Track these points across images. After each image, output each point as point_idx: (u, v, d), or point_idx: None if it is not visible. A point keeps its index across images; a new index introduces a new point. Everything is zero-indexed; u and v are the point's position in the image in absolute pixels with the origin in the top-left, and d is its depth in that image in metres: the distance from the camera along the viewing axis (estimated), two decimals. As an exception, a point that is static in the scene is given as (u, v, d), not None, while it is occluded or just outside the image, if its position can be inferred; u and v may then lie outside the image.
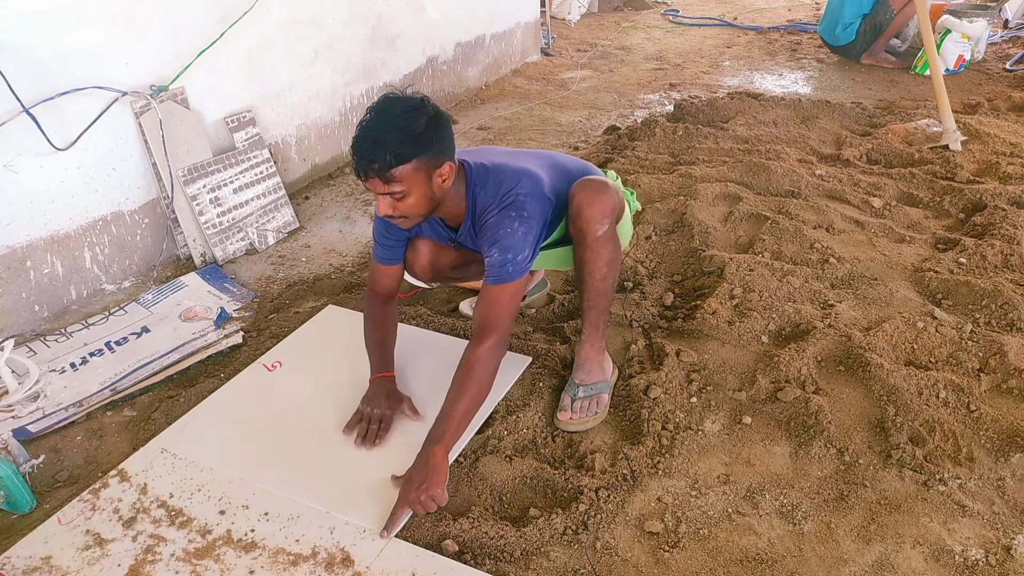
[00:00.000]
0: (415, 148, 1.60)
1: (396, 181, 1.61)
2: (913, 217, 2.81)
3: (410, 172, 1.61)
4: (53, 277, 2.37)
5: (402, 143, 1.58)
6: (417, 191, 1.65)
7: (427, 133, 1.61)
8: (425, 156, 1.62)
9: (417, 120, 1.61)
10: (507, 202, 1.73)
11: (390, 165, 1.58)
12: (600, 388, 1.91)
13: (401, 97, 1.66)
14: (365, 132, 1.61)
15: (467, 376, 1.68)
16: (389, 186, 1.62)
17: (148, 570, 1.52)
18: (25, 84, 2.13)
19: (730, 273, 2.35)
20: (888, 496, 1.65)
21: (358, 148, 1.61)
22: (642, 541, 1.57)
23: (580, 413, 1.88)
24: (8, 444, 1.82)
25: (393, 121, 1.60)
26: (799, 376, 1.96)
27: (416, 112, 1.62)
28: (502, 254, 1.70)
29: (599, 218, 1.78)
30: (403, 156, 1.59)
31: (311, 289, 2.55)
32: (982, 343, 2.05)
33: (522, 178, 1.78)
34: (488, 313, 1.72)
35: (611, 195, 1.82)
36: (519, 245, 1.71)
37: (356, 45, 3.43)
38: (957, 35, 4.47)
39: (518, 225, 1.71)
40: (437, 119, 1.65)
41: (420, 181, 1.64)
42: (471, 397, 1.68)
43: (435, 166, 1.65)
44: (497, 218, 1.73)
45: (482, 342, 1.69)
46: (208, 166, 2.70)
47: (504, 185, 1.76)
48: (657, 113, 4.09)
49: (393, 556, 1.53)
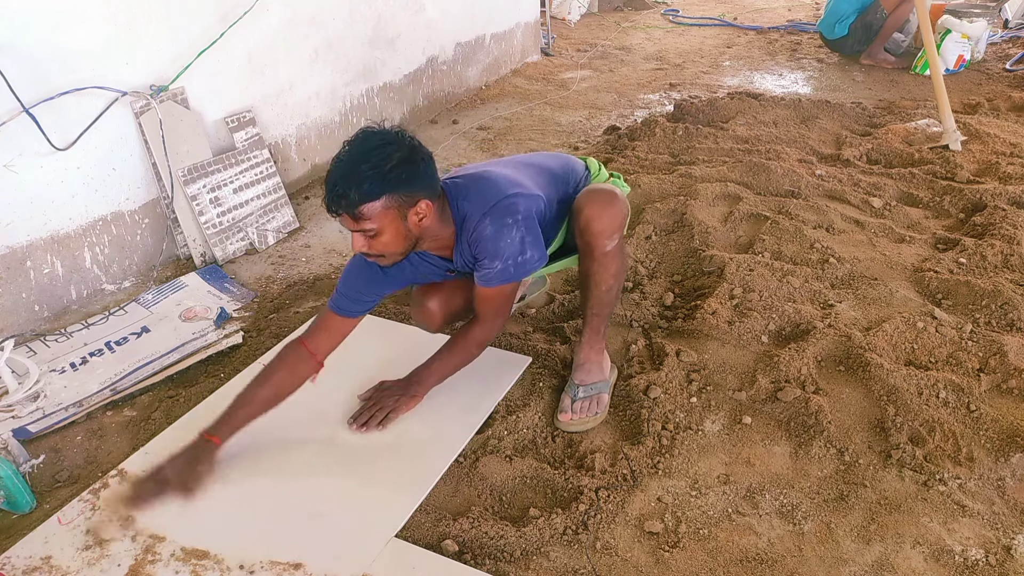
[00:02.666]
0: (384, 185, 1.54)
1: (365, 219, 1.55)
2: (913, 217, 2.81)
3: (379, 210, 1.55)
4: (53, 277, 2.37)
5: (370, 180, 1.52)
6: (390, 229, 1.59)
7: (398, 169, 1.54)
8: (396, 193, 1.55)
9: (390, 156, 1.54)
10: (499, 208, 1.69)
11: (356, 203, 1.53)
12: (600, 388, 1.91)
13: (378, 131, 1.60)
14: (336, 167, 1.56)
15: (458, 349, 1.86)
16: (359, 224, 1.56)
17: (148, 570, 1.51)
18: (25, 84, 2.13)
19: (730, 273, 2.35)
20: (888, 496, 1.65)
21: (329, 182, 1.55)
22: (642, 541, 1.57)
23: (580, 413, 1.87)
24: (8, 444, 1.82)
25: (365, 156, 1.54)
26: (799, 376, 1.96)
27: (390, 147, 1.56)
28: (503, 262, 1.70)
29: (608, 233, 1.77)
30: (371, 193, 1.53)
31: (311, 289, 2.55)
32: (982, 343, 2.05)
33: (506, 181, 1.76)
34: (488, 308, 1.81)
35: (619, 207, 1.81)
36: (520, 250, 1.70)
37: (356, 45, 3.44)
38: (957, 35, 4.47)
39: (515, 232, 1.69)
40: (412, 155, 1.58)
41: (392, 219, 1.58)
42: (454, 365, 1.87)
43: (409, 204, 1.59)
44: (494, 228, 1.68)
45: (478, 325, 1.83)
46: (208, 166, 2.70)
47: (489, 192, 1.72)
48: (657, 113, 4.09)
49: (393, 556, 1.53)
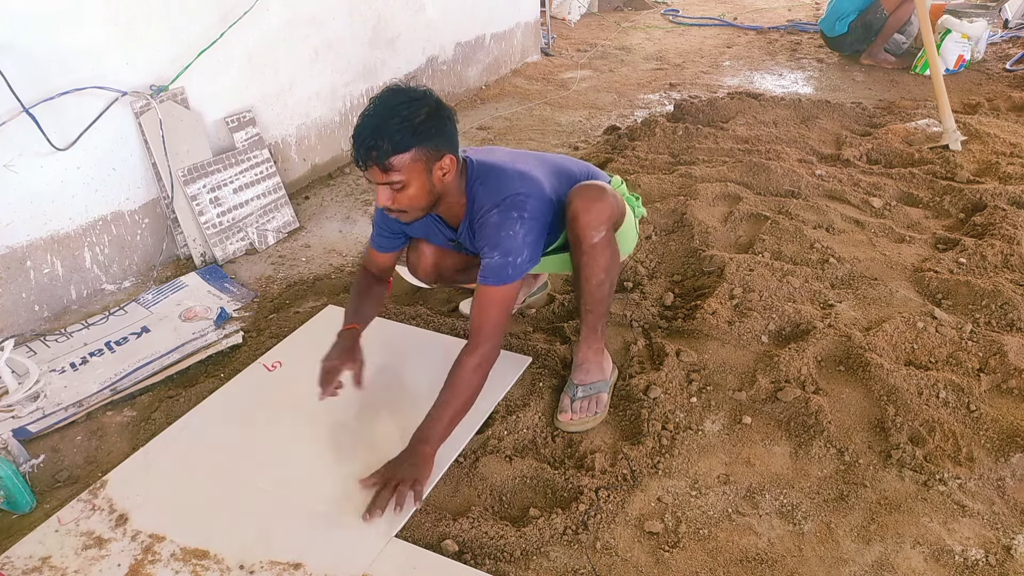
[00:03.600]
0: (414, 138, 1.59)
1: (394, 170, 1.60)
2: (913, 217, 2.81)
3: (408, 162, 1.60)
4: (53, 277, 2.37)
5: (401, 132, 1.58)
6: (416, 182, 1.63)
7: (427, 123, 1.60)
8: (425, 146, 1.61)
9: (418, 111, 1.60)
10: (509, 202, 1.71)
11: (388, 153, 1.57)
12: (599, 388, 1.91)
13: (404, 88, 1.65)
14: (366, 121, 1.61)
15: (457, 383, 1.69)
16: (387, 175, 1.61)
17: (148, 570, 1.51)
18: (25, 84, 2.13)
19: (730, 273, 2.35)
20: (888, 496, 1.65)
21: (358, 136, 1.61)
22: (642, 541, 1.57)
23: (580, 413, 1.87)
24: (8, 444, 1.82)
25: (394, 110, 1.60)
26: (799, 376, 1.96)
27: (417, 103, 1.61)
28: (502, 257, 1.69)
29: (595, 224, 1.77)
30: (402, 145, 1.58)
31: (311, 289, 2.55)
32: (982, 343, 2.05)
33: (524, 179, 1.77)
34: (483, 315, 1.72)
35: (608, 201, 1.81)
36: (519, 248, 1.70)
37: (356, 45, 3.43)
38: (957, 35, 4.47)
39: (519, 227, 1.70)
40: (439, 111, 1.64)
41: (419, 172, 1.63)
42: (460, 403, 1.69)
43: (435, 158, 1.64)
44: (499, 219, 1.70)
45: (475, 351, 1.70)
46: (208, 166, 2.70)
47: (505, 185, 1.75)
48: (657, 113, 4.09)
49: (393, 556, 1.52)
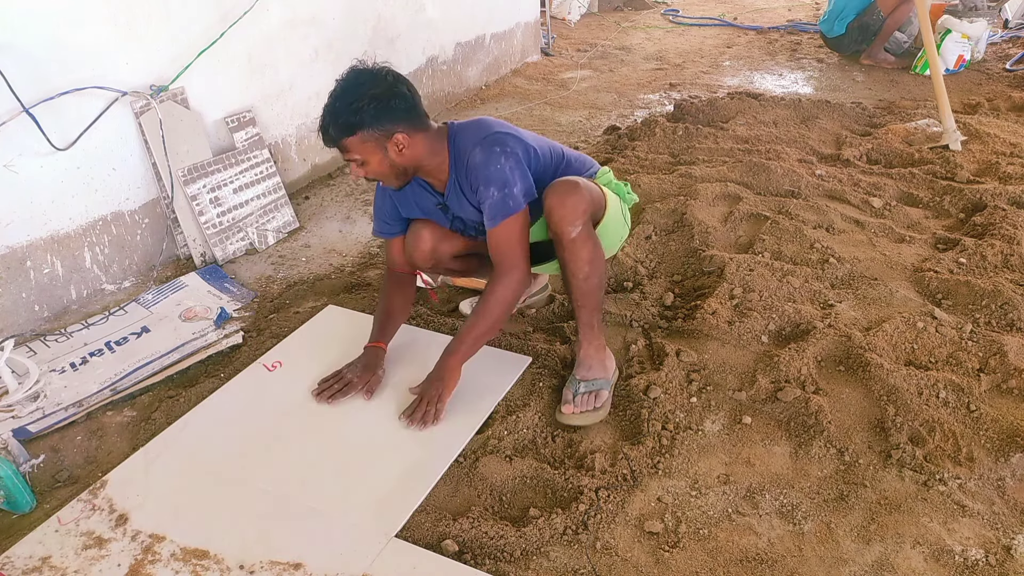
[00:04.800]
0: (357, 122, 1.69)
1: (348, 151, 1.74)
2: (913, 217, 2.81)
3: (357, 143, 1.72)
4: (53, 277, 2.37)
5: (347, 116, 1.69)
6: (373, 159, 1.75)
7: (370, 107, 1.69)
8: (370, 129, 1.70)
9: (363, 95, 1.69)
10: (489, 140, 1.78)
11: (335, 138, 1.72)
12: (600, 384, 1.92)
13: (362, 70, 1.75)
14: (326, 104, 1.73)
15: (485, 308, 1.82)
16: (346, 155, 1.75)
17: (148, 570, 1.52)
18: (25, 84, 2.13)
19: (730, 273, 2.35)
20: (888, 496, 1.65)
21: (320, 118, 1.75)
22: (642, 541, 1.57)
23: (581, 406, 1.89)
24: (8, 444, 1.82)
25: (342, 96, 1.71)
26: (799, 376, 1.96)
27: (364, 87, 1.71)
28: (499, 190, 1.75)
29: (570, 219, 1.79)
30: (345, 129, 1.70)
31: (311, 289, 2.55)
32: (982, 343, 2.05)
33: (503, 126, 1.85)
34: (502, 252, 1.80)
35: (582, 195, 1.81)
36: (511, 178, 1.76)
37: (356, 45, 3.43)
38: (957, 35, 4.47)
39: (504, 160, 1.76)
40: (389, 91, 1.72)
41: (372, 151, 1.73)
42: (487, 325, 1.84)
43: (385, 137, 1.73)
44: (482, 156, 1.77)
45: (501, 279, 1.80)
46: (208, 166, 2.70)
47: (484, 128, 1.83)
48: (657, 113, 4.09)
49: (393, 556, 1.53)
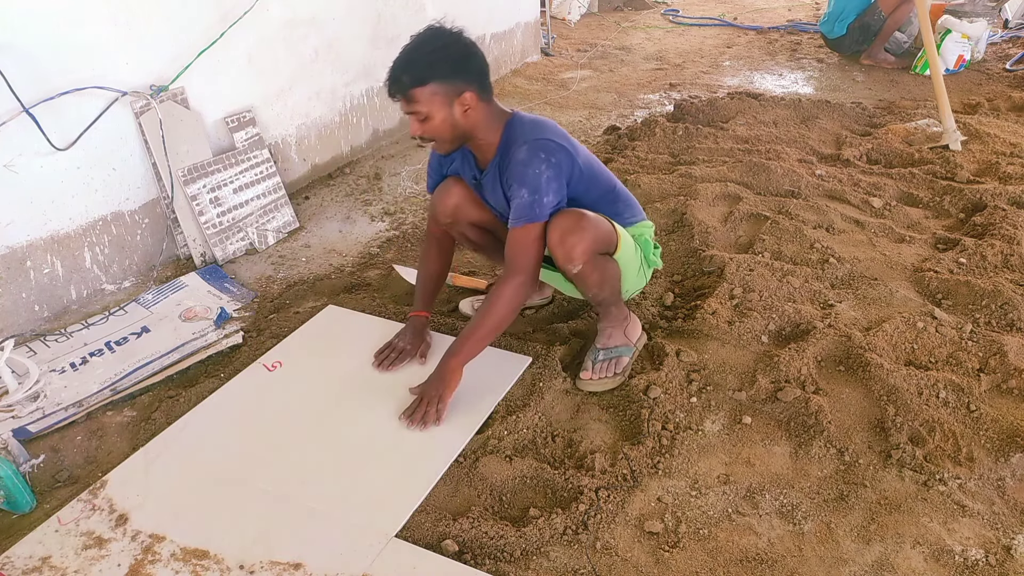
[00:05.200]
0: (432, 72, 1.71)
1: (416, 102, 1.73)
2: (913, 217, 2.81)
3: (428, 95, 1.72)
4: (53, 277, 2.37)
5: (423, 66, 1.71)
6: (438, 114, 1.75)
7: (448, 60, 1.72)
8: (444, 81, 1.72)
9: (441, 48, 1.73)
10: (539, 144, 1.79)
11: (407, 86, 1.71)
12: (621, 352, 1.98)
13: (439, 28, 1.77)
14: (398, 55, 1.74)
15: (489, 309, 1.82)
16: (411, 106, 1.74)
17: (148, 570, 1.52)
18: (25, 84, 2.13)
19: (730, 273, 2.36)
20: (888, 496, 1.65)
21: (390, 69, 1.74)
22: (642, 541, 1.57)
23: (599, 374, 1.95)
24: (8, 444, 1.82)
25: (419, 47, 1.73)
26: (799, 376, 1.96)
27: (445, 41, 1.74)
28: (530, 195, 1.76)
29: (567, 258, 1.81)
30: (420, 78, 1.71)
31: (311, 289, 2.55)
32: (982, 343, 2.05)
33: (560, 135, 1.85)
34: (516, 254, 1.81)
35: (582, 234, 1.79)
36: (545, 187, 1.76)
37: (356, 45, 3.43)
38: (957, 35, 4.47)
39: (545, 168, 1.77)
40: (466, 50, 1.76)
41: (439, 105, 1.74)
42: (490, 327, 1.84)
43: (455, 93, 1.74)
44: (525, 155, 1.77)
45: (508, 281, 1.81)
46: (208, 166, 2.70)
47: (540, 130, 1.83)
48: (657, 113, 4.09)
49: (393, 556, 1.53)
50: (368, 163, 3.54)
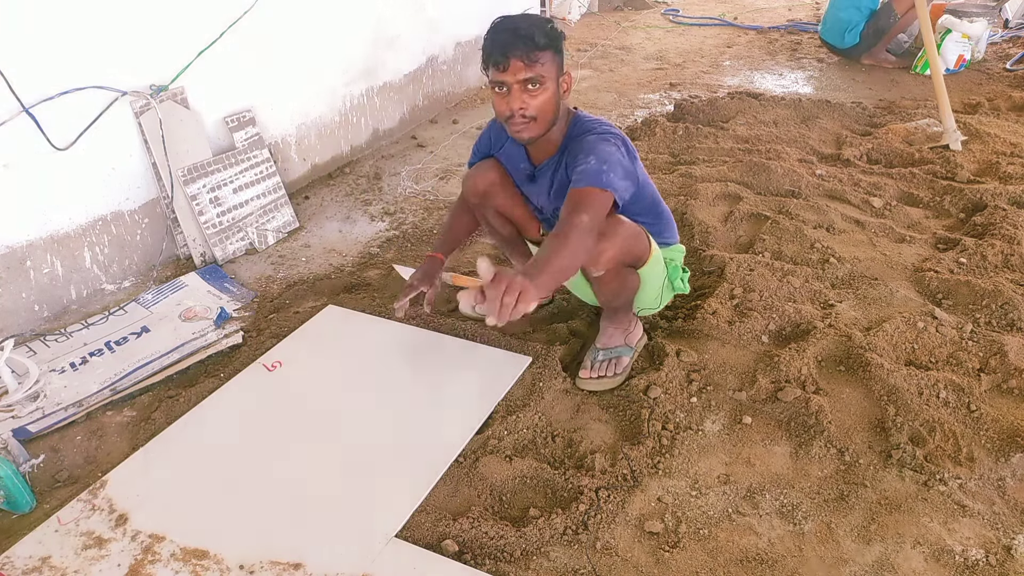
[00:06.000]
0: (554, 42, 1.70)
1: (539, 64, 1.66)
2: (913, 217, 2.81)
3: (550, 60, 1.69)
4: (53, 277, 2.37)
5: (546, 32, 1.68)
6: (551, 85, 1.71)
7: (560, 37, 1.73)
8: (559, 55, 1.72)
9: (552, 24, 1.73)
10: (608, 135, 1.77)
11: (536, 46, 1.65)
12: (620, 352, 1.98)
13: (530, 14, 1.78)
14: (506, 23, 1.69)
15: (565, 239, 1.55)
16: (530, 68, 1.66)
17: (148, 570, 1.51)
18: (25, 84, 2.13)
19: (730, 273, 2.35)
20: (888, 496, 1.65)
21: (502, 32, 1.67)
22: (642, 541, 1.57)
23: (598, 373, 1.95)
24: (8, 444, 1.82)
25: (535, 18, 1.72)
26: (799, 376, 1.96)
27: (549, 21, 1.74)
28: (598, 163, 1.67)
29: (593, 261, 1.77)
30: (546, 42, 1.67)
31: (311, 289, 2.55)
32: (982, 343, 2.04)
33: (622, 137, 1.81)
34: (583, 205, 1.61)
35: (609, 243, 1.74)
36: (616, 161, 1.70)
37: (356, 45, 3.43)
38: (957, 35, 4.46)
39: (616, 148, 1.73)
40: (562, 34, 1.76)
41: (553, 76, 1.71)
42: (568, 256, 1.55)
43: (562, 70, 1.74)
44: (596, 138, 1.75)
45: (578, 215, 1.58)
46: (208, 166, 2.69)
47: (606, 127, 1.81)
48: (657, 113, 4.09)
49: (393, 556, 1.52)
50: (368, 163, 3.54)
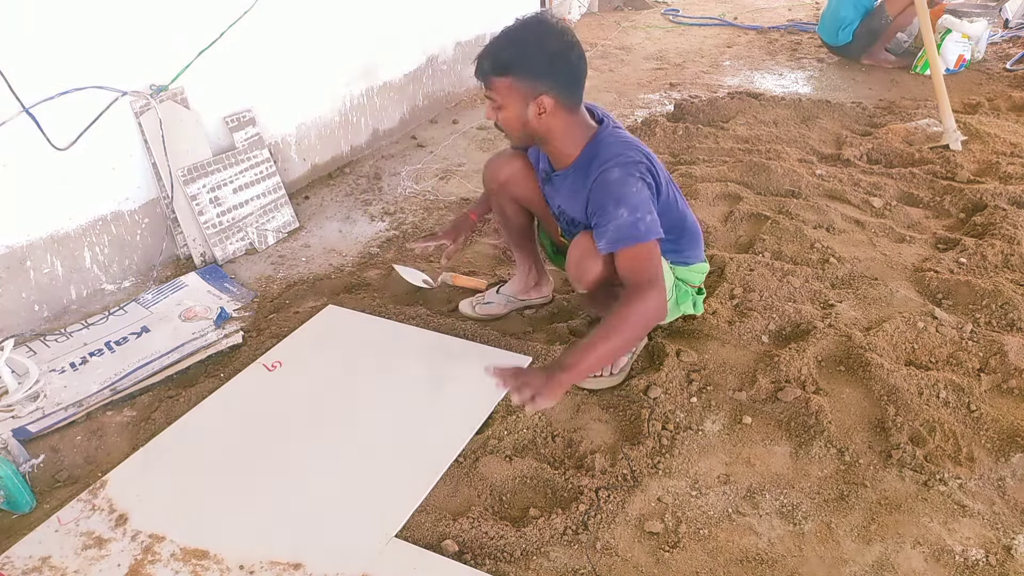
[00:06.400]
0: (515, 66, 1.66)
1: (492, 89, 1.70)
2: (913, 217, 2.81)
3: (504, 86, 1.68)
4: (53, 277, 2.37)
5: (507, 57, 1.65)
6: (511, 108, 1.70)
7: (537, 59, 1.66)
8: (524, 78, 1.66)
9: (537, 42, 1.66)
10: (631, 165, 1.70)
11: (486, 72, 1.69)
12: None
13: (545, 22, 1.71)
14: (494, 36, 1.71)
15: (625, 319, 1.60)
16: (488, 91, 1.72)
17: (148, 570, 1.51)
18: (25, 84, 2.13)
19: (730, 273, 2.36)
20: (888, 496, 1.65)
21: (487, 43, 1.72)
22: (642, 541, 1.57)
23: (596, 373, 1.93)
24: (8, 444, 1.82)
25: (514, 34, 1.68)
26: (799, 376, 1.96)
27: (541, 36, 1.67)
28: (631, 214, 1.65)
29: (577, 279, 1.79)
30: (500, 68, 1.66)
31: (311, 289, 2.55)
32: (982, 343, 2.05)
33: (651, 159, 1.77)
34: (638, 268, 1.66)
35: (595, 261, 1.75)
36: (645, 204, 1.67)
37: (356, 45, 3.43)
38: (957, 35, 4.47)
39: (642, 186, 1.69)
40: (560, 52, 1.67)
41: (514, 100, 1.69)
42: (618, 345, 1.62)
43: (533, 93, 1.68)
44: (620, 174, 1.68)
45: (644, 296, 1.62)
46: (208, 166, 2.69)
47: (631, 151, 1.73)
48: (657, 113, 4.09)
49: (393, 556, 1.52)
50: (368, 163, 3.54)
